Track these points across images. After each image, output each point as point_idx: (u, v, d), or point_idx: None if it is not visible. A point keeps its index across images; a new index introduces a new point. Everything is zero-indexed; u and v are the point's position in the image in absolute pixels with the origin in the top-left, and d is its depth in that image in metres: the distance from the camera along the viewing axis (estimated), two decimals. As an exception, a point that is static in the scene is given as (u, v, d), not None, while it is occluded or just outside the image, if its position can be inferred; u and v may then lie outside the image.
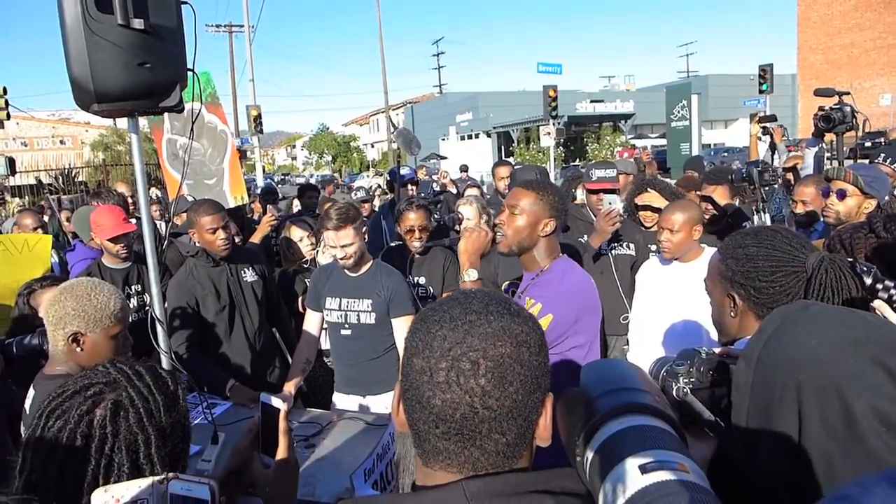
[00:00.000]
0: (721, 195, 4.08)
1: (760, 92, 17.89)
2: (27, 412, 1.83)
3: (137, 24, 2.02)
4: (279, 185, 37.72)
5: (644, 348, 3.08)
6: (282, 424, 1.38)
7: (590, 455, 0.87)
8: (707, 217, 3.94)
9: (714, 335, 1.63)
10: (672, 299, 2.93)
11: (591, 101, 39.51)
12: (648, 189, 3.86)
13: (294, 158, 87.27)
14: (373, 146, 64.03)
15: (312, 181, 24.32)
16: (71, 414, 1.08)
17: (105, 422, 1.07)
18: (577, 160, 34.23)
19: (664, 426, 0.88)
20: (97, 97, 2.07)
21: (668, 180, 5.06)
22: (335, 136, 63.43)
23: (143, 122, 2.39)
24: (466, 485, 0.84)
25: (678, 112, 17.27)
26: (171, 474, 0.99)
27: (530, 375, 0.86)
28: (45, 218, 5.44)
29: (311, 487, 2.26)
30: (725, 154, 25.99)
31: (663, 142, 21.79)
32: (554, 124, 17.81)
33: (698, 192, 4.22)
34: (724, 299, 1.43)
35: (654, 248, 3.59)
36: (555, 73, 22.75)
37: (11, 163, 11.02)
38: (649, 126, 39.97)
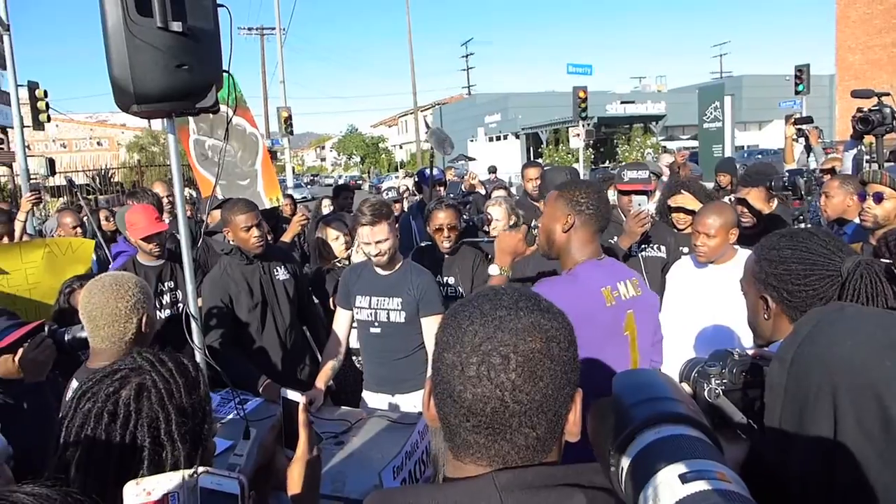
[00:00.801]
0: (756, 198, 3.91)
1: (796, 93, 17.46)
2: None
3: (176, 26, 2.06)
4: (308, 186, 38.35)
5: (673, 349, 3.04)
6: (301, 417, 1.39)
7: (625, 465, 0.86)
8: (746, 224, 3.82)
9: (745, 338, 1.61)
10: (703, 301, 2.89)
11: (622, 103, 39.07)
12: (682, 191, 3.80)
13: (323, 160, 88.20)
14: (401, 147, 64.30)
15: (341, 182, 24.51)
16: (99, 395, 1.16)
17: (129, 400, 1.15)
18: (607, 162, 33.92)
19: (700, 436, 0.87)
20: (137, 98, 2.12)
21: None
22: (364, 138, 63.90)
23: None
24: (497, 476, 0.85)
25: (711, 113, 16.95)
26: (200, 468, 1.01)
27: (560, 370, 0.87)
28: (84, 218, 5.60)
29: (341, 484, 2.29)
30: (759, 156, 25.47)
31: (695, 143, 21.44)
32: (583, 126, 17.62)
33: (735, 196, 4.11)
34: (758, 301, 1.42)
35: (685, 250, 3.54)
36: (585, 73, 22.52)
37: (52, 164, 11.32)
38: (681, 128, 39.37)
